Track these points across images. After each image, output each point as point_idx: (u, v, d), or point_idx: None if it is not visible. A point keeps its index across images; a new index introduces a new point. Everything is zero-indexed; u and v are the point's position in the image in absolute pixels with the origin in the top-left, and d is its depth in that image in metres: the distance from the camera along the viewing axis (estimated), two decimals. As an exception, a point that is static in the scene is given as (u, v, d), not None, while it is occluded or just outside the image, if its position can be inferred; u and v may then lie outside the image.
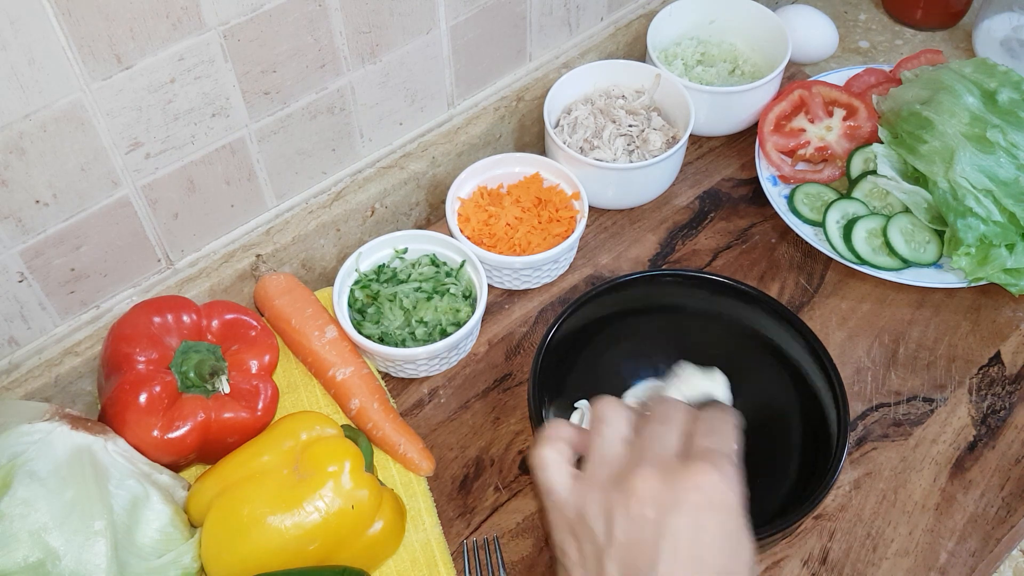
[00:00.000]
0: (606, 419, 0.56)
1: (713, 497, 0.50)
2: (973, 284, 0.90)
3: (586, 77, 1.01)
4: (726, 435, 0.54)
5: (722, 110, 1.02)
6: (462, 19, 0.90)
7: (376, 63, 0.86)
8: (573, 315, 0.79)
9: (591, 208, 0.98)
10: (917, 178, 0.93)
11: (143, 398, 0.70)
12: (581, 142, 0.97)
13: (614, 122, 0.98)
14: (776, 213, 0.96)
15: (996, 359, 0.88)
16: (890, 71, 1.05)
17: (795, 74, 1.11)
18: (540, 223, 0.92)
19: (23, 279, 0.75)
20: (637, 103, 1.00)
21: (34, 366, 0.79)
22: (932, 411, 0.85)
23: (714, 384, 0.71)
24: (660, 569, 0.49)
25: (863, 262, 0.91)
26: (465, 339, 0.85)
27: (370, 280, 0.88)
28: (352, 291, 0.88)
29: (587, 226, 0.98)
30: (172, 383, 0.72)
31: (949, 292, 0.92)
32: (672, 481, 0.51)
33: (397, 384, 0.87)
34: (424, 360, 0.84)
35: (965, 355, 0.88)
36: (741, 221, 0.99)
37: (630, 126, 0.98)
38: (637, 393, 0.80)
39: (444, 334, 0.85)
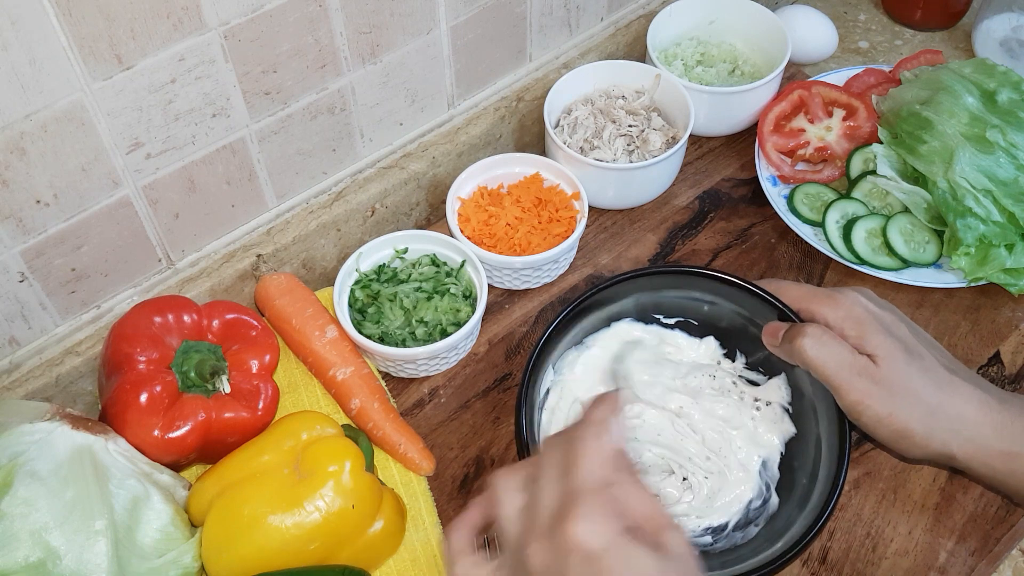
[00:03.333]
0: (498, 499, 0.58)
1: (589, 548, 0.51)
2: (972, 284, 0.90)
3: (586, 77, 1.01)
4: (582, 460, 0.55)
5: (722, 110, 1.02)
6: (462, 19, 0.90)
7: (376, 63, 0.86)
8: (572, 313, 0.79)
9: (591, 208, 0.98)
10: (916, 178, 0.93)
11: (144, 398, 0.70)
12: (581, 142, 0.97)
13: (614, 122, 0.98)
14: (776, 213, 0.96)
15: (995, 359, 0.88)
16: (890, 71, 1.05)
17: (795, 74, 1.12)
18: (540, 223, 0.92)
19: (24, 279, 0.75)
20: (637, 103, 1.00)
21: (35, 366, 0.79)
22: (932, 411, 0.85)
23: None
24: None
25: (862, 262, 0.91)
26: (465, 339, 0.85)
27: (370, 280, 0.88)
28: (352, 291, 0.88)
29: (587, 226, 0.98)
30: (173, 383, 0.72)
31: (948, 292, 0.93)
32: (555, 547, 0.52)
33: (397, 384, 0.87)
34: (424, 360, 0.84)
35: (964, 355, 0.88)
36: (741, 221, 0.99)
37: (630, 126, 0.98)
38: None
39: (444, 334, 0.85)
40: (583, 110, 1.00)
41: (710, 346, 0.84)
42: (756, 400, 0.81)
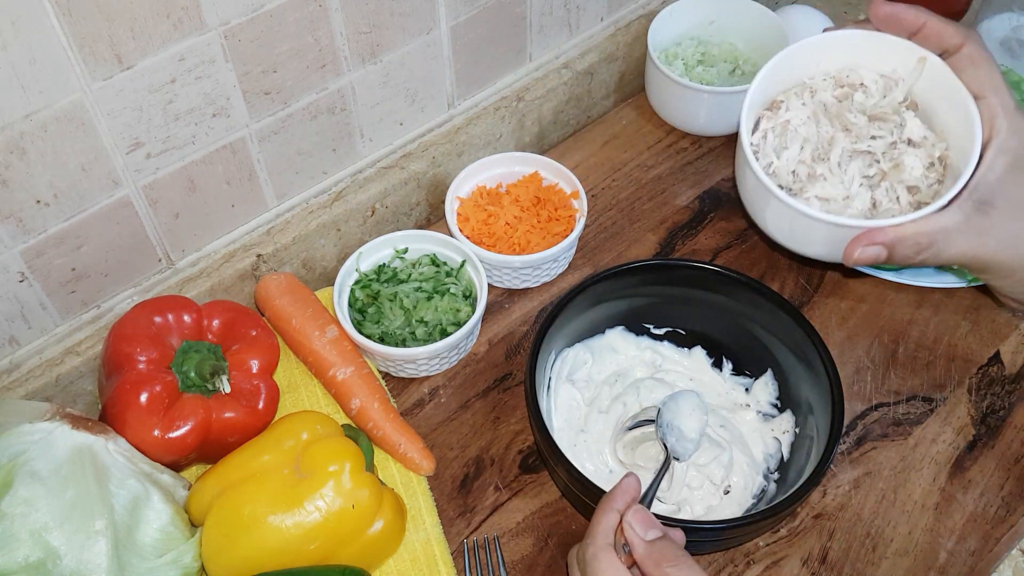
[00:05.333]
0: None
1: None
2: (972, 284, 0.90)
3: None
4: None
5: (722, 110, 1.02)
6: (462, 19, 0.90)
7: (376, 63, 0.86)
8: (569, 308, 0.79)
9: (590, 208, 0.98)
10: (917, 178, 0.92)
11: (144, 398, 0.70)
12: (794, 165, 0.64)
13: (846, 131, 0.66)
14: (776, 213, 0.96)
15: (995, 359, 0.88)
16: (890, 71, 1.05)
17: (795, 74, 1.12)
18: (539, 222, 0.92)
19: (24, 279, 0.75)
20: (885, 102, 0.66)
21: (35, 366, 0.79)
22: (932, 411, 0.85)
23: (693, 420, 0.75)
24: None
25: (863, 262, 0.91)
26: (465, 339, 0.85)
27: (370, 280, 0.88)
28: (352, 291, 0.88)
29: (587, 225, 0.98)
30: (173, 383, 0.72)
31: (948, 292, 0.93)
32: None
33: (397, 384, 0.87)
34: (424, 360, 0.84)
35: (964, 355, 0.88)
36: (741, 221, 0.99)
37: (873, 138, 0.65)
38: (633, 436, 0.80)
39: (444, 334, 0.85)
40: (798, 110, 0.66)
41: (698, 357, 0.85)
42: (747, 405, 0.82)
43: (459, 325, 0.85)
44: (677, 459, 0.74)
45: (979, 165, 0.59)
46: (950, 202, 0.59)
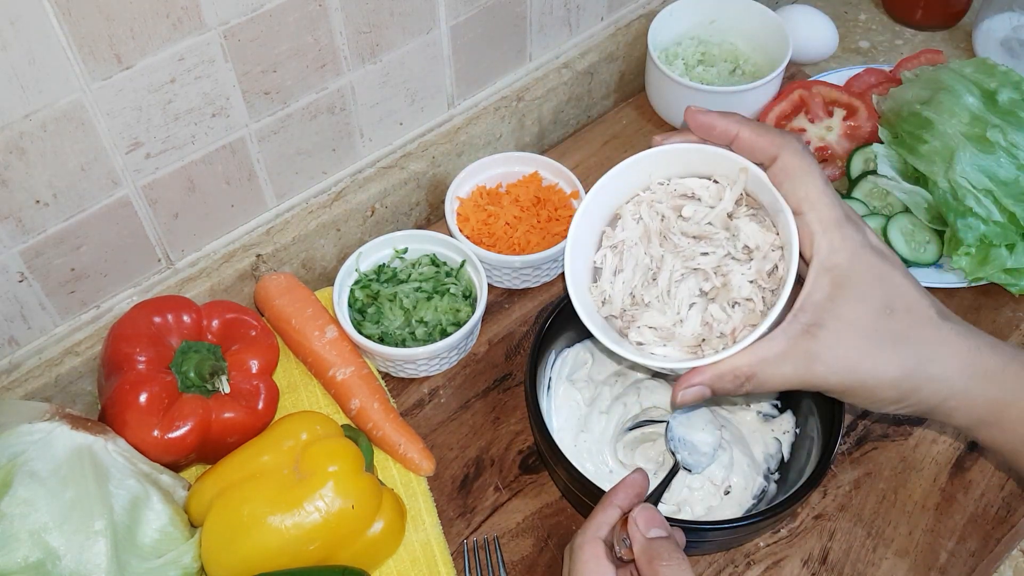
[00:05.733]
0: None
1: None
2: (973, 284, 0.90)
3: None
4: None
5: (722, 109, 1.01)
6: (462, 19, 0.90)
7: (376, 63, 0.86)
8: (569, 308, 0.79)
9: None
10: (917, 178, 0.93)
11: (143, 398, 0.70)
12: (630, 289, 0.63)
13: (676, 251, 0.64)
14: (776, 213, 0.96)
15: (996, 359, 0.88)
16: (890, 71, 1.05)
17: (795, 74, 1.11)
18: (539, 222, 0.92)
19: (23, 279, 0.75)
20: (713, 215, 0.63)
21: (34, 366, 0.79)
22: (932, 411, 0.85)
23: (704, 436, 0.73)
24: None
25: (863, 262, 0.91)
26: (465, 339, 0.85)
27: (370, 280, 0.88)
28: (352, 291, 0.88)
29: (587, 226, 0.98)
30: (172, 383, 0.72)
31: (949, 292, 0.92)
32: None
33: (397, 384, 0.87)
34: (424, 360, 0.84)
35: (965, 355, 0.88)
36: (741, 221, 0.99)
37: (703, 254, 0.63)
38: (635, 436, 0.80)
39: (444, 334, 0.85)
40: (632, 229, 0.64)
41: None
42: (747, 405, 0.82)
43: (459, 325, 0.85)
44: (689, 471, 0.74)
45: (803, 285, 0.57)
46: (772, 328, 0.57)
